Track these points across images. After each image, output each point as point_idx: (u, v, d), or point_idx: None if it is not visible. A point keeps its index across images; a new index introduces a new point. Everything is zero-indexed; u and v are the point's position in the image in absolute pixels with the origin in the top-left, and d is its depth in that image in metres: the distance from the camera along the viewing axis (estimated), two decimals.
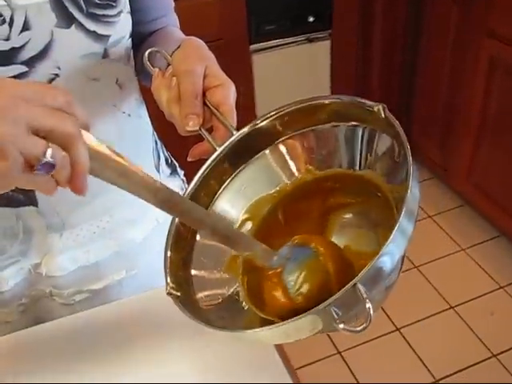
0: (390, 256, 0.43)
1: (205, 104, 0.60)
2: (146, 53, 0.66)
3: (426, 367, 1.76)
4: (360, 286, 0.42)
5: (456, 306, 1.93)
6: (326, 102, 0.57)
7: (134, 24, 0.77)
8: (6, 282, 0.80)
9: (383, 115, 0.51)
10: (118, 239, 0.83)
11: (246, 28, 1.95)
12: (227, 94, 0.60)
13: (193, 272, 0.58)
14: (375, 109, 0.51)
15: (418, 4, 2.12)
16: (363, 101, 0.53)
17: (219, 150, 0.59)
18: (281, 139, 0.61)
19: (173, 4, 0.84)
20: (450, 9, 2.00)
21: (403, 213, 0.43)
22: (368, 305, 0.41)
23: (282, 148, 0.62)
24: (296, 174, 0.62)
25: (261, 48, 2.02)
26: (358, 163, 0.58)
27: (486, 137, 2.02)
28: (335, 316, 0.42)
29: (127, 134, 0.78)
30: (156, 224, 0.86)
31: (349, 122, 0.57)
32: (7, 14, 0.60)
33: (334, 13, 2.04)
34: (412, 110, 2.35)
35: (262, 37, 2.01)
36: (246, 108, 2.10)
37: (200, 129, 0.59)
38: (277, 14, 1.99)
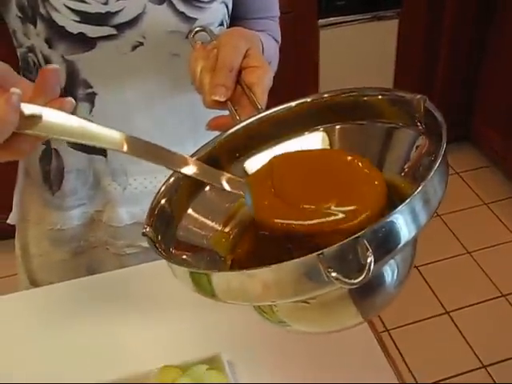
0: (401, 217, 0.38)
1: (238, 83, 0.58)
2: (193, 31, 0.69)
3: (474, 352, 1.76)
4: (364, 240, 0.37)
5: (508, 294, 1.92)
6: (365, 97, 0.53)
7: (235, 18, 0.80)
8: (71, 221, 0.85)
9: (422, 108, 0.47)
10: None
11: (317, 2, 1.95)
12: (263, 76, 0.58)
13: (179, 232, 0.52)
14: (414, 102, 0.48)
15: None
16: (403, 94, 0.50)
17: (240, 124, 0.55)
18: (308, 130, 0.57)
19: (278, 14, 0.85)
20: None
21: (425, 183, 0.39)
22: (370, 258, 0.36)
23: (307, 138, 0.57)
24: None
25: (329, 23, 2.01)
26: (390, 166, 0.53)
27: None
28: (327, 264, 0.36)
29: (200, 111, 0.78)
30: None
31: (386, 120, 0.53)
32: None
33: None
34: (475, 97, 2.31)
35: (331, 12, 1.99)
36: (309, 82, 2.11)
37: (227, 102, 0.57)
38: None
